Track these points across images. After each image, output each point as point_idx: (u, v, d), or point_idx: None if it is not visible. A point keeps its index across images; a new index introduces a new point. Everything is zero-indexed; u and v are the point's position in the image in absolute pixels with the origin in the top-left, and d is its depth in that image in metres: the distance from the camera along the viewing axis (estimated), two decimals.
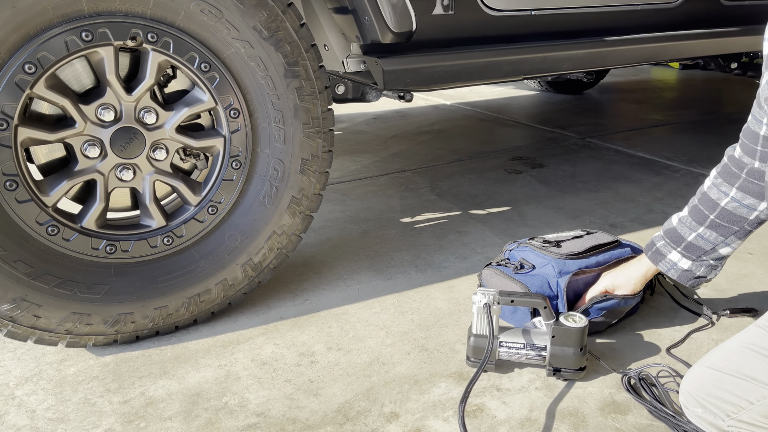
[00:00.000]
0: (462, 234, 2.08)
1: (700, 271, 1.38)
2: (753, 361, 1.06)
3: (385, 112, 3.89)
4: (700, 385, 1.11)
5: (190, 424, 1.22)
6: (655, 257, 1.42)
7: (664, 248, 1.41)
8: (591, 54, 2.04)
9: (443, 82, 1.82)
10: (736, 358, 1.09)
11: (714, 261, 1.37)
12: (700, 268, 1.37)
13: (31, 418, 1.23)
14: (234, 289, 1.53)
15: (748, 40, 2.40)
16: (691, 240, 1.36)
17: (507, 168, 2.78)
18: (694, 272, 1.38)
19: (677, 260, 1.38)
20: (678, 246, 1.38)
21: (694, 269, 1.38)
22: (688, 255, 1.37)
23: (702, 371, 1.13)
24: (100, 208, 1.38)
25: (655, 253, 1.42)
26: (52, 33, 1.22)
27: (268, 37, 1.40)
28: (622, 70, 5.34)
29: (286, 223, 1.54)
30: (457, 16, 1.79)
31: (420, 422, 1.22)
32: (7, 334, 1.32)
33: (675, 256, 1.39)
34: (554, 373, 1.33)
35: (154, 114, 1.37)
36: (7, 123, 1.23)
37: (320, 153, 1.53)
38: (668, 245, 1.40)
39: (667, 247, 1.40)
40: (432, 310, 1.62)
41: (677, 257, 1.38)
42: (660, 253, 1.41)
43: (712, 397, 1.09)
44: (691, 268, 1.38)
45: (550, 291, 1.48)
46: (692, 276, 1.38)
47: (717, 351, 1.16)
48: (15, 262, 1.28)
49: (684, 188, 2.50)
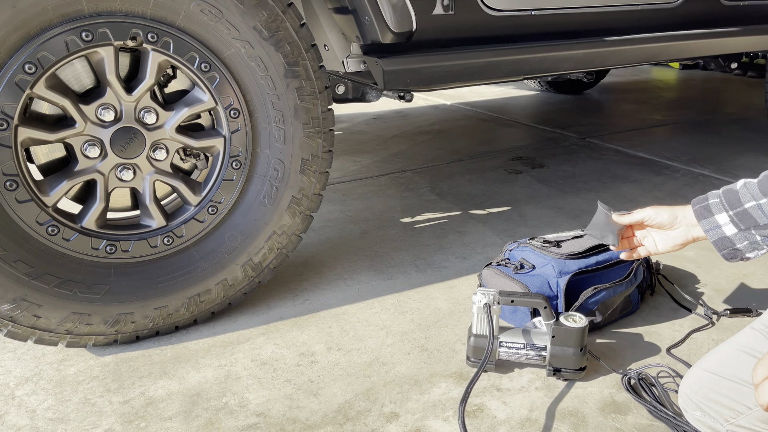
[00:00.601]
0: (462, 234, 2.08)
1: (742, 244, 1.25)
2: (751, 366, 1.06)
3: (385, 112, 3.89)
4: (699, 389, 1.11)
5: (190, 424, 1.22)
6: (702, 213, 1.28)
7: (715, 207, 1.27)
8: (591, 54, 2.04)
9: (443, 82, 1.82)
10: (733, 362, 1.09)
11: (761, 238, 1.24)
12: (743, 241, 1.25)
13: (31, 418, 1.23)
14: (234, 289, 1.53)
15: (748, 40, 2.40)
16: (747, 207, 1.23)
17: (507, 168, 2.78)
18: (735, 243, 1.26)
19: (723, 224, 1.25)
20: (731, 209, 1.25)
21: (736, 240, 1.25)
22: (737, 222, 1.24)
23: (700, 375, 1.13)
24: (101, 208, 1.38)
25: (704, 208, 1.28)
26: (53, 33, 1.22)
27: (269, 37, 1.40)
28: (622, 70, 5.34)
29: (286, 223, 1.54)
30: (457, 16, 1.79)
31: (420, 422, 1.22)
32: (8, 334, 1.32)
33: (723, 218, 1.26)
34: (554, 373, 1.33)
35: (154, 114, 1.37)
36: (7, 123, 1.23)
37: (320, 153, 1.54)
38: (721, 205, 1.26)
39: (719, 207, 1.27)
40: (432, 310, 1.62)
41: (725, 220, 1.25)
42: (708, 210, 1.28)
43: (711, 401, 1.09)
44: (734, 238, 1.25)
45: (550, 291, 1.48)
46: (731, 246, 1.26)
47: (715, 354, 1.15)
48: (15, 262, 1.28)
49: (684, 188, 2.50)
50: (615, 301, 1.52)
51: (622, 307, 1.56)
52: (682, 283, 1.77)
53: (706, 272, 1.83)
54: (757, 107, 3.91)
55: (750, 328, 1.13)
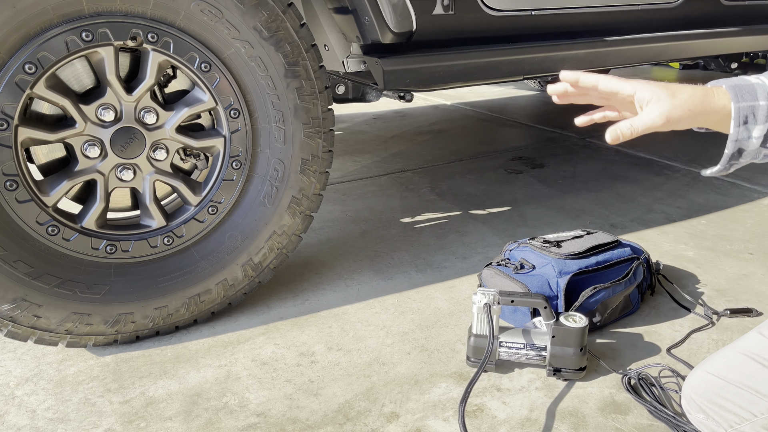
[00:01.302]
0: (462, 234, 2.08)
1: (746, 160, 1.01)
2: (758, 373, 1.05)
3: (385, 112, 3.89)
4: (704, 392, 1.11)
5: (190, 424, 1.22)
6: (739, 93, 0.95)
7: (761, 111, 0.95)
8: (591, 54, 2.04)
9: (443, 82, 1.82)
10: (739, 367, 1.08)
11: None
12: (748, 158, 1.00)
13: (31, 418, 1.23)
14: (234, 289, 1.53)
15: (748, 40, 2.40)
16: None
17: (507, 168, 2.78)
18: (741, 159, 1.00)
19: (756, 136, 0.96)
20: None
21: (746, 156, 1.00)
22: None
23: (705, 377, 1.12)
24: (101, 208, 1.38)
25: (748, 108, 0.95)
26: (53, 33, 1.22)
27: (269, 37, 1.40)
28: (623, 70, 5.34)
29: (287, 223, 1.54)
30: (458, 16, 1.79)
31: (420, 422, 1.22)
32: (8, 334, 1.32)
33: (760, 130, 0.96)
34: (554, 373, 1.33)
35: (155, 114, 1.37)
36: (7, 123, 1.23)
37: (320, 153, 1.54)
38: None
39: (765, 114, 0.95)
40: (432, 310, 1.62)
41: (759, 133, 0.96)
42: (752, 93, 0.95)
43: (715, 406, 1.08)
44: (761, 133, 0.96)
45: (550, 291, 1.48)
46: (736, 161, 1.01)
47: (720, 357, 1.13)
48: (15, 262, 1.28)
49: (684, 188, 2.50)
50: (615, 300, 1.52)
51: (622, 307, 1.56)
52: (682, 283, 1.77)
53: (706, 272, 1.83)
54: None
55: (757, 333, 1.10)
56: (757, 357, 1.07)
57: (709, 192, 2.46)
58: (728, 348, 1.14)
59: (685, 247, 1.99)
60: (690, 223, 2.18)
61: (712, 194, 2.44)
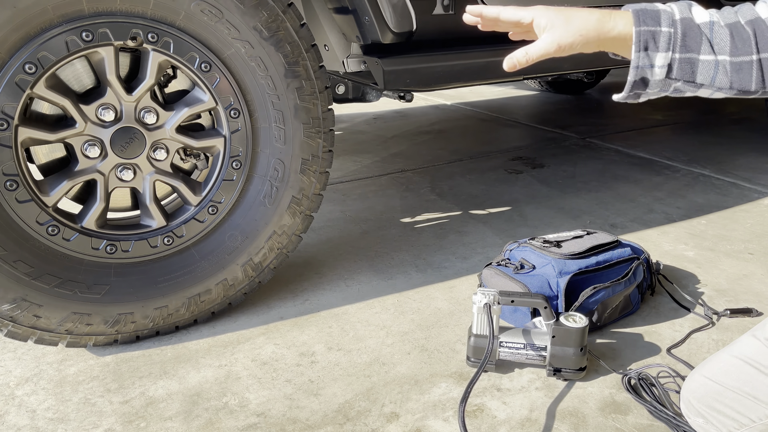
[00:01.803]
0: (462, 234, 2.08)
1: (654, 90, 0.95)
2: (755, 379, 1.05)
3: (385, 112, 3.89)
4: (702, 397, 1.10)
5: (190, 424, 1.22)
6: (642, 17, 0.92)
7: (663, 37, 0.92)
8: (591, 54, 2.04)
9: (443, 82, 1.82)
10: (736, 373, 1.07)
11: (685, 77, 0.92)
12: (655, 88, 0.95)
13: (31, 418, 1.23)
14: (234, 289, 1.53)
15: None
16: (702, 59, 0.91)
17: (507, 168, 2.78)
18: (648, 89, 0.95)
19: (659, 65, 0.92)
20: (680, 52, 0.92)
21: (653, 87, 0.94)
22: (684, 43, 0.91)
23: (703, 382, 1.12)
24: (101, 208, 1.38)
25: (648, 14, 0.92)
26: (53, 33, 1.22)
27: (269, 38, 1.40)
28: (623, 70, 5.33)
29: (287, 223, 1.54)
30: (458, 16, 1.79)
31: (420, 422, 1.22)
32: (8, 334, 1.32)
33: (662, 58, 0.92)
34: (554, 373, 1.33)
35: (155, 114, 1.37)
36: (7, 123, 1.23)
37: (320, 153, 1.54)
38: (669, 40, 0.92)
39: (667, 41, 0.92)
40: (432, 310, 1.62)
41: (662, 62, 0.92)
42: (655, 18, 0.92)
43: (714, 411, 1.08)
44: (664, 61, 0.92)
45: (551, 291, 1.48)
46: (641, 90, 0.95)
47: (717, 362, 1.13)
48: (15, 262, 1.28)
49: (684, 188, 2.50)
50: (614, 300, 1.52)
51: (622, 306, 1.56)
52: (682, 283, 1.77)
53: (706, 272, 1.83)
54: (757, 107, 3.91)
55: (753, 337, 1.09)
56: (754, 362, 1.06)
57: (709, 192, 2.46)
58: (724, 352, 1.13)
59: (685, 247, 1.99)
60: (690, 223, 2.18)
61: (712, 194, 2.44)
